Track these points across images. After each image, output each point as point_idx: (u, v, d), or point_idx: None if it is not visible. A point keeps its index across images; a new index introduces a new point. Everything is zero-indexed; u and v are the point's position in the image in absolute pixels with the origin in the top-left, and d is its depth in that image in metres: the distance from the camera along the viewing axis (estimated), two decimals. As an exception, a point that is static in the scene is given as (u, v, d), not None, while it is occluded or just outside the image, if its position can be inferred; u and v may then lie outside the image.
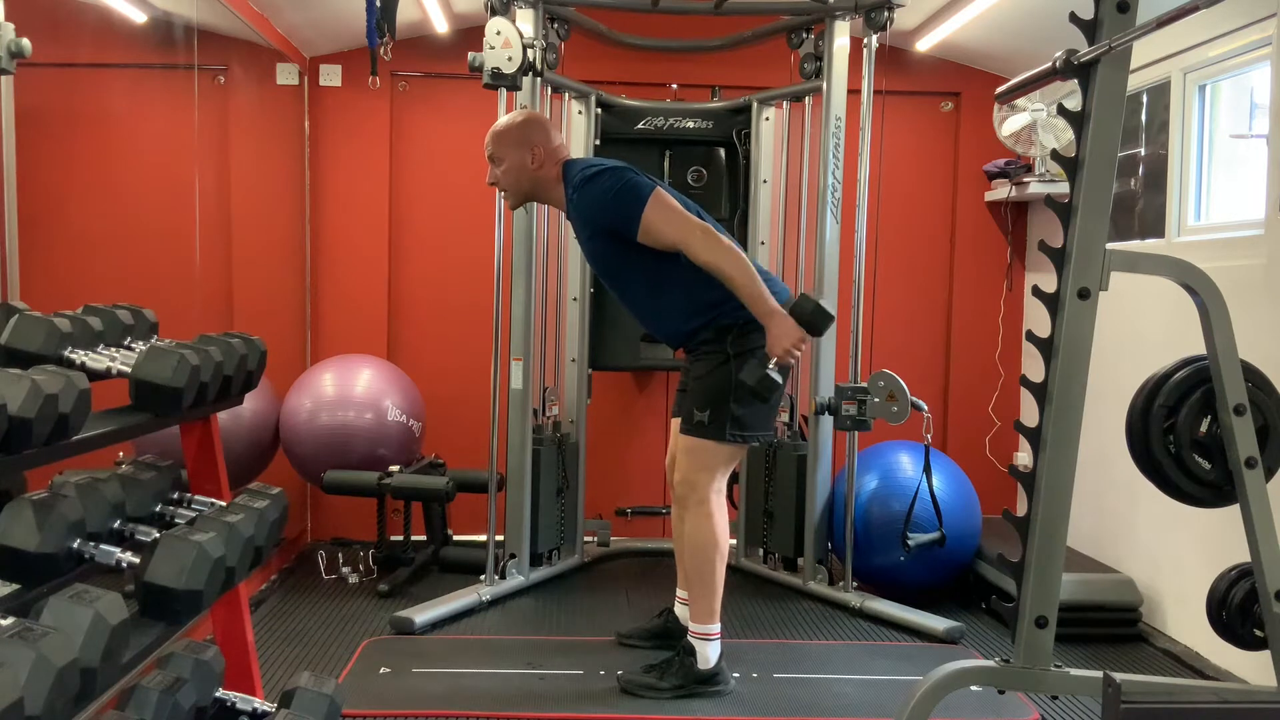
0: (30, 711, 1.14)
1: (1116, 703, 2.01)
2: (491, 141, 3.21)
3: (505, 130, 3.21)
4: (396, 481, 4.16)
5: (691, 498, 3.09)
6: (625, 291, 3.24)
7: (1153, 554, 3.79)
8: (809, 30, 4.17)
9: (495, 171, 3.22)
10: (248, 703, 2.06)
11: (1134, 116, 3.97)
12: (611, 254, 3.13)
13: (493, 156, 3.21)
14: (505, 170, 3.19)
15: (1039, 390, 2.24)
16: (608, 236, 3.09)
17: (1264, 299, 3.10)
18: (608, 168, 3.09)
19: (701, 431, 3.06)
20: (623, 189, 3.01)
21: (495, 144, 3.20)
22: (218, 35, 4.45)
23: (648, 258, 3.05)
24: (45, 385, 1.50)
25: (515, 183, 3.20)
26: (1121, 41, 2.06)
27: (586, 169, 3.13)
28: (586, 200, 3.07)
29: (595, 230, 3.13)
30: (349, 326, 4.77)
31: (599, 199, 3.04)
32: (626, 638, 3.49)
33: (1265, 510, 2.15)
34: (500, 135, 3.20)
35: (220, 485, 2.25)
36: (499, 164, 3.20)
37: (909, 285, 4.88)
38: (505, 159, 3.18)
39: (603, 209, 3.05)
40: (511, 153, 3.17)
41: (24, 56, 2.83)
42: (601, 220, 3.08)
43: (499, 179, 3.22)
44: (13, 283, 3.34)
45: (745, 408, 3.03)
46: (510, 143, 3.18)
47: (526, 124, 3.22)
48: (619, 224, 3.02)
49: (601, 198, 3.03)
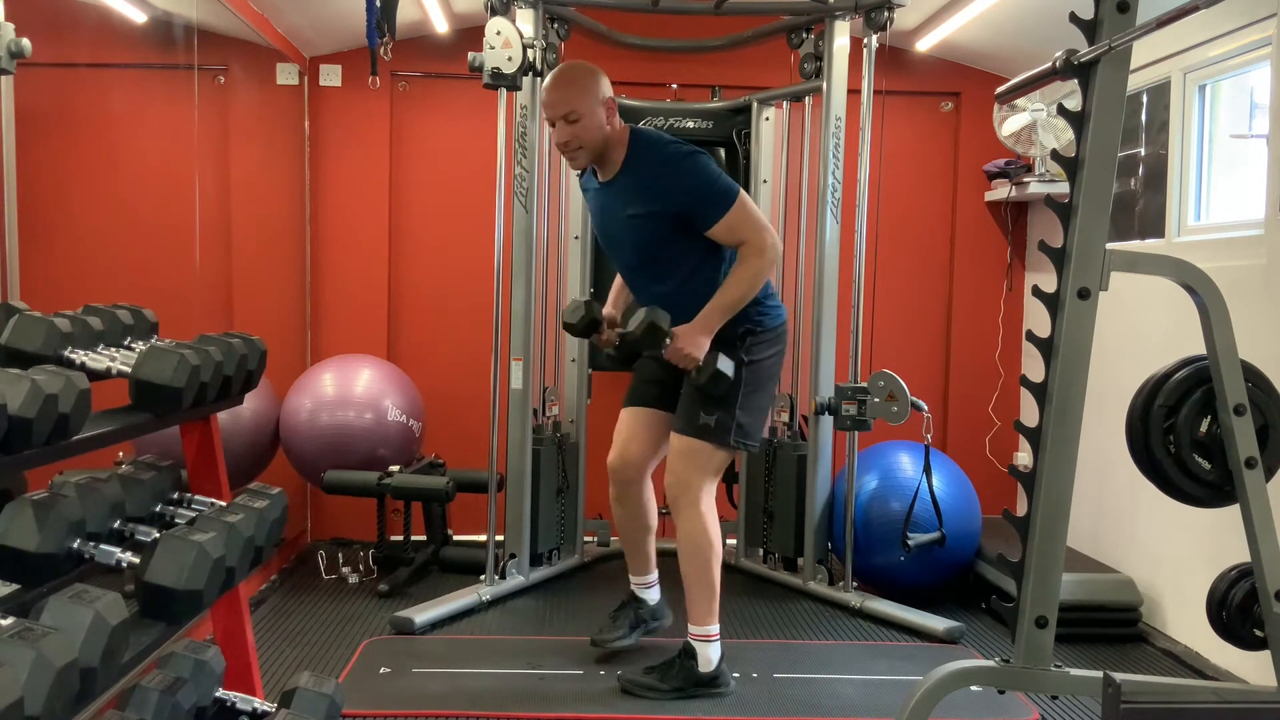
0: (30, 711, 1.14)
1: (1116, 703, 2.01)
2: (568, 97, 2.99)
3: (580, 81, 3.01)
4: (396, 481, 4.16)
5: (684, 499, 3.06)
6: (654, 277, 3.11)
7: (1153, 554, 3.79)
8: (809, 30, 4.17)
9: (570, 130, 3.00)
10: (248, 703, 2.06)
11: (1134, 116, 3.97)
12: (661, 237, 3.04)
13: (569, 114, 2.98)
14: (584, 127, 2.99)
15: (1039, 390, 2.24)
16: (670, 219, 3.00)
17: (1264, 299, 3.10)
18: (697, 151, 3.03)
19: (705, 434, 3.04)
20: (718, 180, 2.99)
21: (574, 99, 2.98)
22: (218, 35, 4.45)
23: (693, 250, 3.04)
24: (45, 385, 1.50)
25: (594, 139, 3.02)
26: (1121, 41, 2.06)
27: (677, 144, 3.05)
28: (674, 175, 2.99)
29: (662, 208, 2.99)
30: (349, 326, 4.77)
31: (690, 181, 2.98)
32: (602, 641, 3.33)
33: (1265, 510, 2.15)
34: (577, 89, 3.00)
35: (220, 485, 2.25)
36: (577, 120, 2.98)
37: (909, 285, 4.88)
38: (584, 115, 2.98)
39: (688, 192, 2.98)
40: (592, 108, 2.99)
41: (24, 56, 2.83)
42: (679, 201, 2.98)
43: (577, 137, 3.01)
44: (13, 283, 3.34)
45: (748, 415, 3.05)
46: (590, 96, 2.99)
47: (598, 75, 3.05)
48: (697, 211, 2.97)
49: (693, 180, 2.98)
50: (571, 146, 3.03)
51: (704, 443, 3.04)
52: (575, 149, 3.04)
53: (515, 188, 3.95)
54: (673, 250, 3.06)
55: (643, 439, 3.24)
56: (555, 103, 3.01)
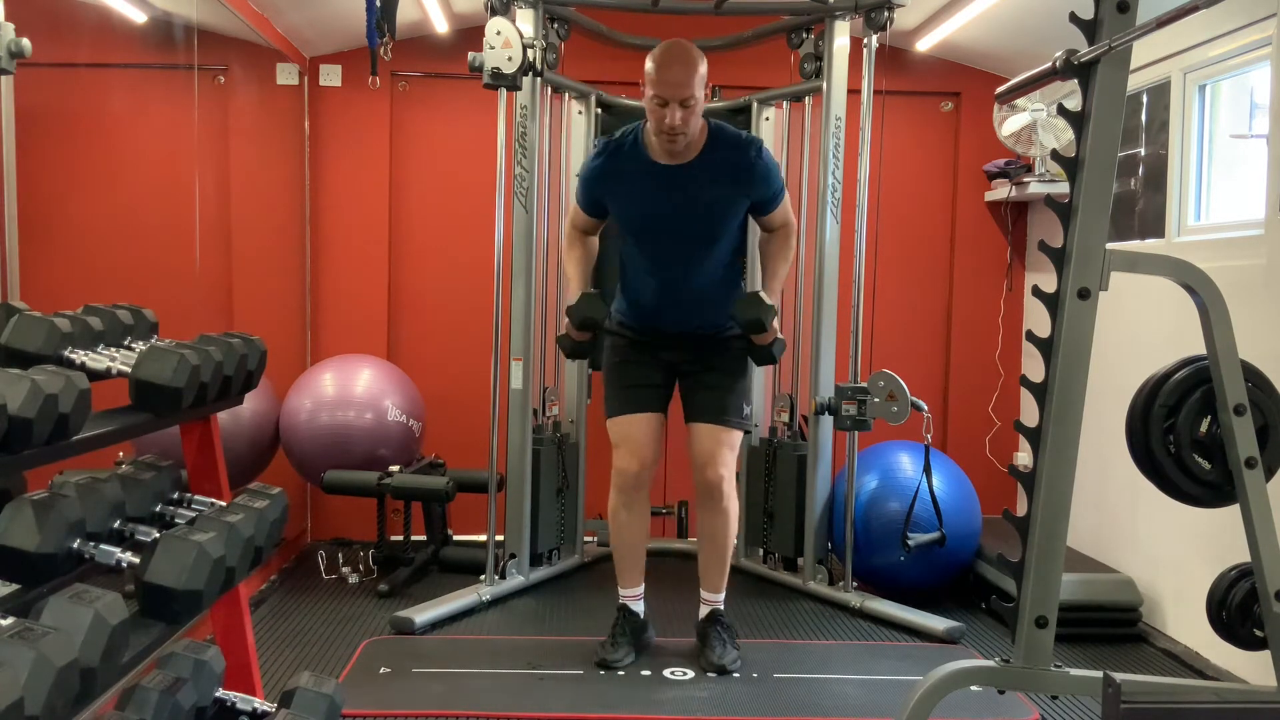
0: (30, 711, 1.14)
1: (1116, 703, 2.01)
2: (691, 81, 2.98)
3: (698, 66, 3.01)
4: (396, 481, 4.16)
5: (727, 484, 3.28)
6: (698, 260, 3.23)
7: (1153, 554, 3.79)
8: (809, 30, 4.17)
9: (683, 114, 2.99)
10: (248, 703, 2.05)
11: (1134, 116, 3.97)
12: (729, 221, 3.23)
13: (688, 99, 2.98)
14: (694, 113, 3.01)
15: (1039, 390, 2.24)
16: (745, 204, 3.20)
17: (1264, 299, 3.09)
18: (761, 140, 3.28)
19: (741, 424, 3.32)
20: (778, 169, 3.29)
21: (695, 84, 2.98)
22: (218, 35, 4.45)
23: (736, 234, 3.29)
24: (45, 385, 1.50)
25: (696, 126, 3.08)
26: (1121, 41, 2.06)
27: (758, 138, 3.28)
28: (766, 167, 3.18)
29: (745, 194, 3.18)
30: (349, 326, 4.77)
31: (774, 172, 3.22)
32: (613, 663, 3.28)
33: (1265, 510, 2.15)
34: (698, 74, 3.00)
35: (220, 485, 2.25)
36: (692, 105, 2.99)
37: (909, 285, 4.88)
38: (698, 101, 3.01)
39: (769, 182, 3.19)
40: (702, 93, 3.03)
41: (24, 56, 2.82)
42: (760, 189, 3.18)
43: (686, 122, 3.01)
44: (13, 283, 3.34)
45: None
46: (703, 83, 3.03)
47: (704, 58, 3.06)
48: (770, 196, 3.22)
49: (774, 171, 3.22)
50: (678, 131, 3.02)
51: (739, 431, 3.32)
52: (681, 134, 3.04)
53: (515, 188, 3.95)
54: (729, 234, 3.27)
55: (655, 443, 3.35)
56: (678, 84, 2.97)
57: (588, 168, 3.36)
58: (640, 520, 3.40)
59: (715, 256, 3.26)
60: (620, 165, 3.23)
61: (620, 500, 3.35)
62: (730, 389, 3.29)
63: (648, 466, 3.32)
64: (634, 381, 3.35)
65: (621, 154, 3.22)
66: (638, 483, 3.32)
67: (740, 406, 3.29)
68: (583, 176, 3.40)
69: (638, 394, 3.33)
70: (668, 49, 3.07)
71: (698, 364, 3.33)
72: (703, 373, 3.32)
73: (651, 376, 3.34)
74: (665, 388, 3.38)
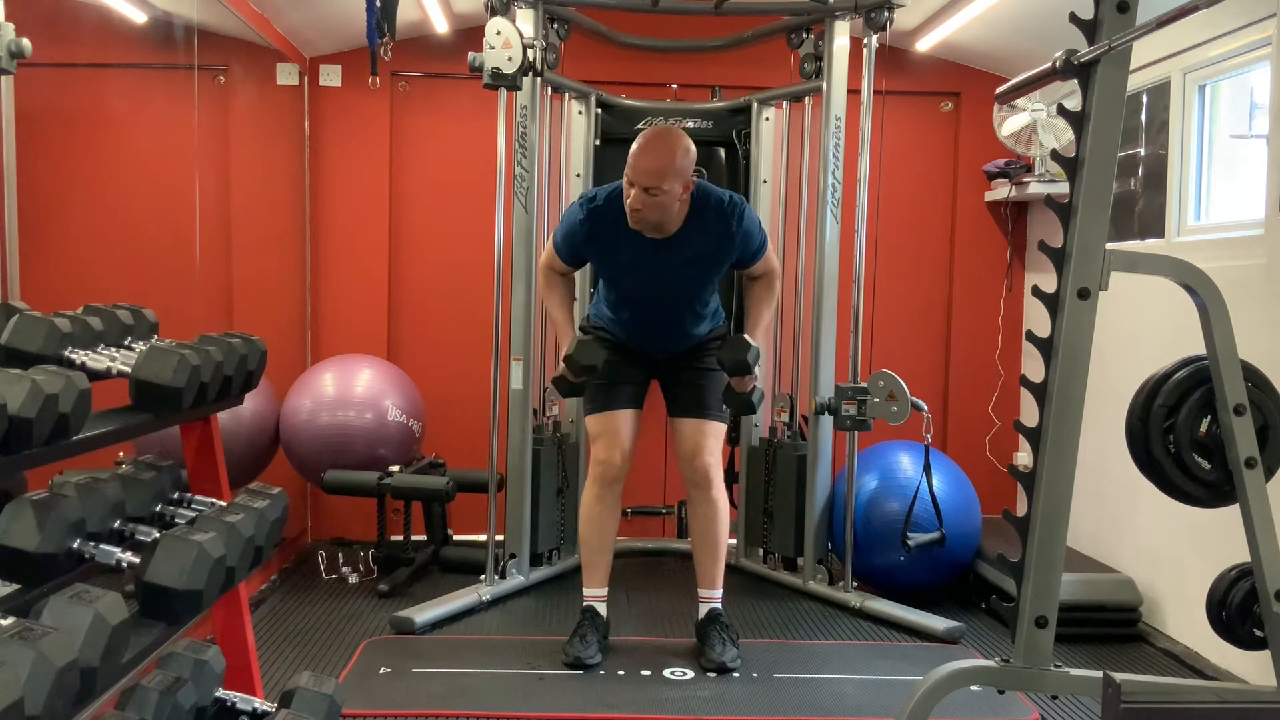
0: (30, 711, 1.14)
1: (1116, 703, 2.01)
2: (660, 173, 2.99)
3: (677, 162, 3.02)
4: (396, 481, 4.16)
5: (715, 473, 3.36)
6: (679, 306, 3.33)
7: (1153, 554, 3.79)
8: (809, 30, 4.17)
9: (645, 199, 3.02)
10: (248, 703, 2.05)
11: (1134, 116, 3.97)
12: (712, 278, 3.33)
13: (656, 189, 3.00)
14: (659, 204, 3.03)
15: (1039, 390, 2.24)
16: (728, 264, 3.28)
17: (1264, 299, 3.09)
18: (743, 200, 3.28)
19: (721, 416, 3.40)
20: (760, 225, 3.32)
21: (665, 178, 3.00)
22: (218, 35, 4.45)
23: (715, 282, 3.38)
24: (45, 385, 1.50)
25: (663, 213, 3.07)
26: (1121, 41, 2.06)
27: (739, 200, 3.25)
28: (745, 233, 3.21)
29: (727, 257, 3.23)
30: (349, 326, 4.77)
31: (755, 234, 3.26)
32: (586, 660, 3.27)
33: (1265, 510, 2.15)
34: (673, 169, 3.01)
35: (220, 485, 2.25)
36: (659, 195, 3.01)
37: (909, 285, 4.88)
38: (665, 193, 3.01)
39: (749, 244, 3.24)
40: (674, 189, 3.03)
41: (24, 56, 2.82)
42: (741, 251, 3.24)
43: (647, 208, 3.03)
44: (13, 283, 3.34)
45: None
46: (679, 179, 3.04)
47: (691, 152, 3.07)
48: (751, 254, 3.27)
49: (755, 233, 3.26)
50: (637, 213, 3.08)
51: (722, 423, 3.43)
52: (640, 217, 3.09)
53: (515, 188, 3.95)
54: (711, 285, 3.37)
55: (632, 437, 3.43)
56: (646, 172, 3.01)
57: (571, 225, 3.29)
58: (613, 516, 3.46)
59: (696, 299, 3.35)
60: (603, 230, 3.23)
61: (596, 493, 3.42)
62: (710, 385, 3.37)
63: (626, 457, 3.40)
64: (613, 380, 3.39)
65: (607, 218, 3.20)
66: (618, 475, 3.40)
67: (718, 401, 3.36)
68: (564, 233, 3.32)
69: (619, 392, 3.41)
70: (652, 137, 3.12)
71: (677, 363, 3.43)
72: (682, 370, 3.43)
73: (630, 374, 3.43)
74: (643, 385, 3.49)
